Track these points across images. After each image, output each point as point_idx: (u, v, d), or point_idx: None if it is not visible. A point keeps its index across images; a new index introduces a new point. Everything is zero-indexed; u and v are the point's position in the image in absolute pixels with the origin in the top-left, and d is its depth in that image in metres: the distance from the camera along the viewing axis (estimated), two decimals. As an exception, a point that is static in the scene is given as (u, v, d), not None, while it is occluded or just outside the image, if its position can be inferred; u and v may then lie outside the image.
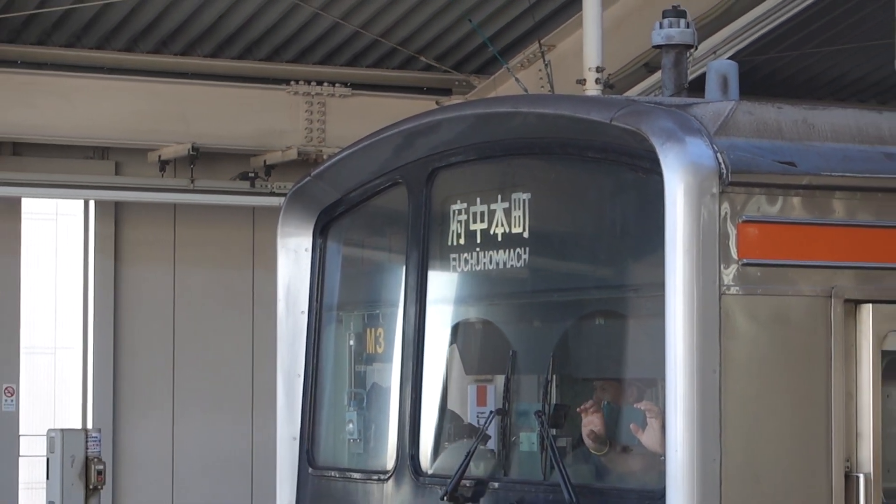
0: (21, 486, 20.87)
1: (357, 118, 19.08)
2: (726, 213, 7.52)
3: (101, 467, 13.88)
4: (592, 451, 8.26)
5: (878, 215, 7.88)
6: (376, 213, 9.63)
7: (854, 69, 20.30)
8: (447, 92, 20.45)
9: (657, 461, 7.57)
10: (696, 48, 9.75)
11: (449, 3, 19.48)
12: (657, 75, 8.16)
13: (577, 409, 8.34)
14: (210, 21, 19.55)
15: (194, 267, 21.69)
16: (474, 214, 8.72)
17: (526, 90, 18.72)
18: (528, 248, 8.47)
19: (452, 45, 20.37)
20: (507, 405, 8.77)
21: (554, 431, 8.28)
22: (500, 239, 8.57)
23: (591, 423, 8.26)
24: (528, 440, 8.54)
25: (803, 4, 18.10)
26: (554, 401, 8.45)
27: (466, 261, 8.78)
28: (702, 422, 7.38)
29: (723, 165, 7.51)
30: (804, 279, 7.68)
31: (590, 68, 16.02)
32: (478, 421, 9.01)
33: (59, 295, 24.66)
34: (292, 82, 20.39)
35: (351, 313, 9.80)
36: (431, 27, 20.05)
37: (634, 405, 8.13)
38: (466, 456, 8.53)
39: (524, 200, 8.48)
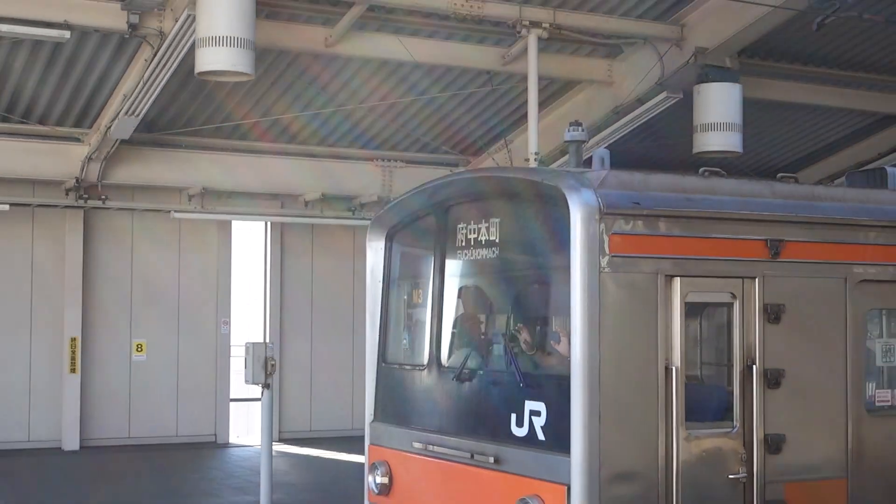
0: (231, 373, 20.96)
1: (409, 179, 19.07)
2: (602, 230, 7.46)
3: (273, 363, 13.81)
4: (526, 351, 8.19)
5: (683, 230, 7.81)
6: (418, 229, 9.55)
7: (671, 152, 20.17)
8: (456, 165, 20.46)
9: (566, 360, 7.52)
10: (587, 142, 9.73)
11: (458, 118, 19.50)
12: (567, 157, 8.22)
13: (513, 329, 8.34)
14: (333, 127, 19.61)
15: (323, 259, 21.71)
16: (470, 230, 8.64)
17: (497, 164, 18.74)
18: (498, 248, 8.43)
19: (459, 140, 20.38)
20: (487, 330, 8.77)
21: (512, 344, 8.25)
22: (483, 242, 8.52)
23: (523, 336, 8.24)
24: (498, 348, 8.50)
25: (642, 122, 18.11)
26: (512, 328, 8.41)
27: (466, 254, 8.74)
28: (589, 339, 7.33)
29: (601, 205, 7.47)
30: (644, 265, 7.63)
31: (531, 152, 16.02)
32: (472, 338, 8.99)
33: (252, 273, 24.66)
34: (375, 160, 20.42)
35: (405, 281, 9.76)
36: (448, 130, 20.06)
37: (554, 330, 8.11)
38: (465, 357, 8.55)
39: (496, 222, 8.42)
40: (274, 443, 16.28)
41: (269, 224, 21.31)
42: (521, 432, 7.75)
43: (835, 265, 8.30)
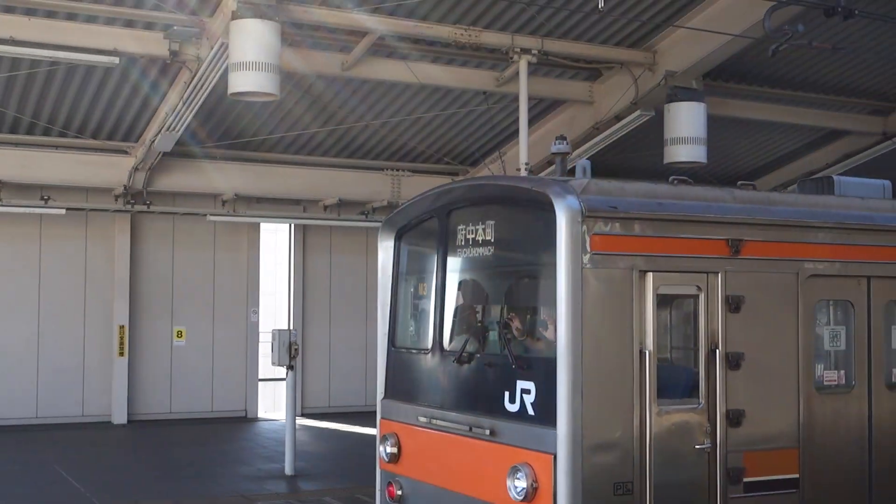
0: (259, 356, 20.93)
1: (415, 187, 19.07)
2: (584, 230, 7.44)
3: (296, 346, 13.78)
4: (518, 337, 8.15)
5: (655, 231, 7.78)
6: (423, 230, 9.51)
7: (645, 163, 20.13)
8: (456, 174, 20.44)
9: (553, 345, 7.50)
10: (571, 154, 9.71)
11: (458, 133, 19.46)
12: (553, 167, 8.16)
13: (506, 318, 8.28)
14: (348, 140, 19.57)
15: (340, 256, 21.68)
16: (469, 230, 8.61)
17: (492, 173, 18.71)
18: (493, 247, 8.40)
19: (459, 152, 20.36)
20: (483, 318, 8.72)
21: (505, 331, 8.20)
22: (480, 242, 8.49)
23: (515, 324, 8.19)
24: (493, 334, 8.47)
25: (619, 136, 18.05)
26: (505, 317, 8.37)
27: (465, 252, 8.70)
28: (572, 327, 7.32)
29: (583, 208, 7.45)
30: (621, 261, 7.60)
31: (522, 163, 15.99)
32: (470, 325, 8.95)
33: (277, 268, 24.65)
34: (385, 169, 20.40)
35: (411, 276, 9.71)
36: (449, 144, 20.03)
37: (542, 318, 8.09)
38: (464, 342, 8.51)
39: (492, 224, 8.40)
40: (297, 417, 16.32)
41: (292, 226, 21.32)
42: (513, 408, 7.74)
43: (788, 262, 8.29)
